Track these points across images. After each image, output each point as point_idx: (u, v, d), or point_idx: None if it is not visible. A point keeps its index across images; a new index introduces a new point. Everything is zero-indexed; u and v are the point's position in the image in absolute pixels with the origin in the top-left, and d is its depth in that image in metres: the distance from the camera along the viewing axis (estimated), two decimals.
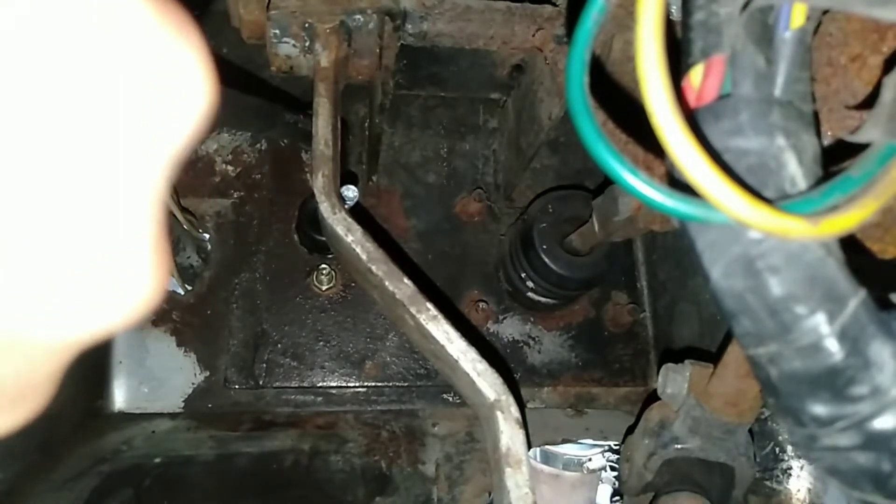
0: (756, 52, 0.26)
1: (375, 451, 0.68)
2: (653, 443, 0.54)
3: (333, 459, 0.67)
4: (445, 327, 0.44)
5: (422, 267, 0.70)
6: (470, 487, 0.68)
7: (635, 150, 0.42)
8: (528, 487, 0.40)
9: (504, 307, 0.70)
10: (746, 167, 0.25)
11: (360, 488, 0.66)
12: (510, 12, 0.53)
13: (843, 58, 0.32)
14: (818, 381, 0.24)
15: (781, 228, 0.22)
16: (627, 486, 0.58)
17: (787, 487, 0.54)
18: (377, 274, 0.45)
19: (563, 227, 0.62)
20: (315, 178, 0.47)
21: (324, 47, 0.50)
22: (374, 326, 0.68)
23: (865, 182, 0.24)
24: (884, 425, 0.24)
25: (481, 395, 0.43)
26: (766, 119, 0.25)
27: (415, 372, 0.67)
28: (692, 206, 0.24)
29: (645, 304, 0.73)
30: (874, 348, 0.24)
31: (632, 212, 0.47)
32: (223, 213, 0.69)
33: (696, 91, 0.26)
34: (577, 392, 0.69)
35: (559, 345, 0.70)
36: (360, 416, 0.68)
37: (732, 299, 0.25)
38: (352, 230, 0.46)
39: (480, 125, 0.74)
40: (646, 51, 0.23)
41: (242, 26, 0.51)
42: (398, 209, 0.71)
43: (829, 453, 0.25)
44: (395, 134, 0.73)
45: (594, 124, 0.24)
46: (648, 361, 0.72)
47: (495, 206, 0.72)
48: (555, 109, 0.54)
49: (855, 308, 0.24)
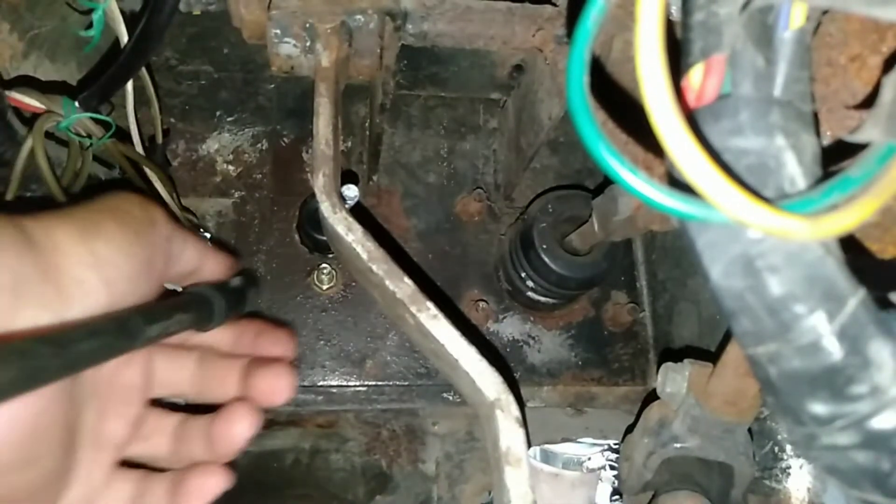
0: (756, 52, 0.26)
1: (376, 449, 0.68)
2: (652, 442, 0.54)
3: (334, 458, 0.67)
4: (446, 326, 0.44)
5: (422, 266, 0.70)
6: (470, 486, 0.68)
7: (635, 150, 0.42)
8: (527, 486, 0.40)
9: (504, 306, 0.70)
10: (746, 167, 0.25)
11: (360, 487, 0.66)
12: (510, 13, 0.53)
13: (842, 58, 0.32)
14: (817, 380, 0.24)
15: (781, 228, 0.23)
16: (627, 485, 0.58)
17: (786, 486, 0.54)
18: (377, 273, 0.45)
19: (563, 227, 0.63)
20: (315, 178, 0.47)
21: (324, 47, 0.50)
22: (374, 326, 0.68)
23: (865, 182, 0.24)
24: (883, 424, 0.24)
25: (481, 394, 0.43)
26: (766, 119, 0.25)
27: (415, 371, 0.67)
28: (692, 205, 0.24)
29: (644, 303, 0.73)
30: (873, 347, 0.24)
31: (632, 211, 0.47)
32: (224, 213, 0.69)
33: (695, 91, 0.26)
34: (577, 391, 0.70)
35: (559, 344, 0.70)
36: (360, 415, 0.69)
37: (732, 299, 0.25)
38: (352, 229, 0.46)
39: (480, 125, 0.74)
40: (646, 51, 0.23)
41: (243, 26, 0.51)
42: (398, 209, 0.71)
43: (829, 452, 0.26)
44: (395, 134, 0.73)
45: (594, 124, 0.24)
46: (648, 361, 0.72)
47: (495, 205, 0.72)
48: (555, 109, 0.54)
49: (854, 307, 0.24)
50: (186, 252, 0.44)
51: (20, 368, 0.26)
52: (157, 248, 0.40)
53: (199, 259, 0.45)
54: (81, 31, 0.54)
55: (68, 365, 0.28)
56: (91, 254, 0.35)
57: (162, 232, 0.41)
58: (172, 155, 0.69)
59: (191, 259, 0.44)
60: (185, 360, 0.47)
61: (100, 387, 0.42)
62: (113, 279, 0.35)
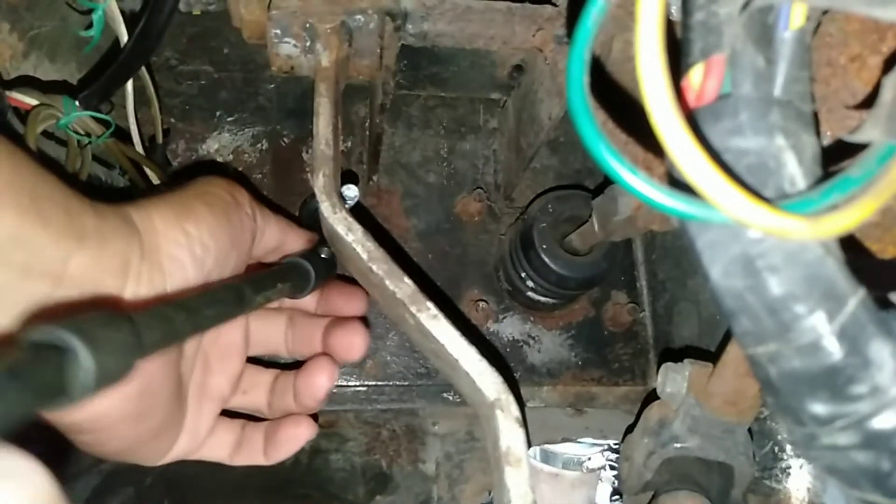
0: (756, 52, 0.26)
1: (376, 449, 0.68)
2: (652, 442, 0.54)
3: (334, 458, 0.67)
4: (446, 326, 0.44)
5: (422, 266, 0.70)
6: (470, 486, 0.68)
7: (635, 150, 0.42)
8: (527, 486, 0.40)
9: (504, 306, 0.70)
10: (746, 167, 0.25)
11: (360, 487, 0.66)
12: (510, 13, 0.53)
13: (842, 58, 0.32)
14: (817, 380, 0.25)
15: (781, 228, 0.23)
16: (627, 485, 0.58)
17: (786, 486, 0.54)
18: (378, 273, 0.45)
19: (563, 227, 0.63)
20: (315, 178, 0.47)
21: (325, 47, 0.50)
22: (374, 326, 0.68)
23: (865, 182, 0.24)
24: (883, 424, 0.24)
25: (481, 394, 0.43)
26: (766, 119, 0.25)
27: (415, 371, 0.67)
28: (692, 205, 0.24)
29: (644, 303, 0.73)
30: (873, 347, 0.24)
31: (632, 211, 0.47)
32: None
33: (695, 91, 0.26)
34: (577, 391, 0.69)
35: (559, 344, 0.70)
36: (360, 415, 0.68)
37: (732, 298, 0.25)
38: (352, 229, 0.46)
39: (480, 125, 0.74)
40: (646, 51, 0.23)
41: (243, 26, 0.51)
42: (398, 209, 0.71)
43: (829, 452, 0.26)
44: (395, 134, 0.73)
45: (594, 124, 0.24)
46: (648, 361, 0.72)
47: (495, 205, 0.72)
48: (555, 109, 0.54)
49: (854, 307, 0.24)
50: (269, 229, 0.49)
51: (163, 330, 0.31)
52: (242, 226, 0.45)
53: (281, 235, 0.51)
54: (81, 30, 0.54)
55: (197, 327, 0.34)
56: (184, 234, 0.39)
57: (247, 212, 0.46)
58: (172, 155, 0.69)
59: (274, 235, 0.50)
60: (278, 322, 0.53)
61: (205, 346, 0.48)
62: (202, 256, 0.40)
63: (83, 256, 0.33)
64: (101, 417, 0.37)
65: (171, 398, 0.42)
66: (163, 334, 0.31)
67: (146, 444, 0.43)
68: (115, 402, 0.37)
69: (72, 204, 0.34)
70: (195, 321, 0.33)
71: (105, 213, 0.36)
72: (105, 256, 0.34)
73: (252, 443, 0.50)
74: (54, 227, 0.32)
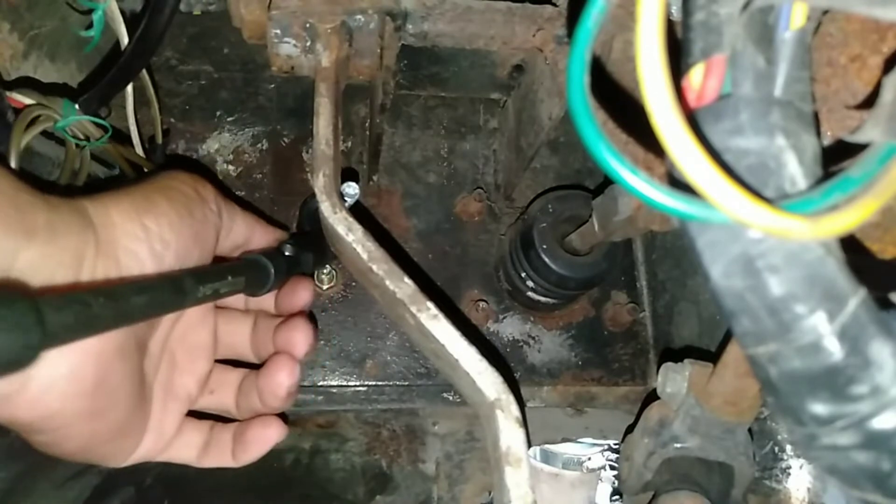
0: (756, 52, 0.26)
1: (376, 449, 0.68)
2: (652, 442, 0.54)
3: (334, 458, 0.67)
4: (446, 326, 0.44)
5: (422, 266, 0.70)
6: (470, 486, 0.68)
7: (635, 150, 0.42)
8: (528, 486, 0.40)
9: (504, 306, 0.70)
10: (746, 167, 0.25)
11: (360, 487, 0.66)
12: (510, 13, 0.53)
13: (842, 58, 0.32)
14: (818, 380, 0.24)
15: (781, 228, 0.23)
16: (627, 485, 0.58)
17: (786, 486, 0.54)
18: (378, 273, 0.45)
19: (563, 227, 0.63)
20: (316, 178, 0.47)
21: (325, 47, 0.50)
22: (374, 326, 0.68)
23: (865, 182, 0.24)
24: (883, 424, 0.24)
25: (481, 394, 0.43)
26: (766, 119, 0.25)
27: (415, 371, 0.67)
28: (692, 205, 0.24)
29: (644, 303, 0.73)
30: (874, 347, 0.24)
31: (632, 211, 0.47)
32: None
33: (696, 91, 0.26)
34: (577, 391, 0.69)
35: (559, 344, 0.70)
36: (360, 415, 0.68)
37: (732, 299, 0.25)
38: (352, 229, 0.46)
39: (481, 125, 0.74)
40: (646, 51, 0.23)
41: (243, 26, 0.51)
42: (398, 209, 0.71)
43: (829, 452, 0.26)
44: (395, 134, 0.73)
45: (594, 124, 0.24)
46: (648, 361, 0.72)
47: (495, 205, 0.72)
48: (555, 109, 0.54)
49: (855, 307, 0.24)
50: (236, 226, 0.48)
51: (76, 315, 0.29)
52: (206, 222, 0.44)
53: (248, 231, 0.50)
54: (81, 31, 0.54)
55: (121, 315, 0.32)
56: (142, 228, 0.39)
57: (211, 207, 0.45)
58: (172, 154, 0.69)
59: (241, 232, 0.49)
60: (245, 324, 0.52)
61: (172, 345, 0.47)
62: (162, 251, 0.39)
63: (32, 251, 0.33)
64: (53, 416, 0.36)
65: (132, 396, 0.41)
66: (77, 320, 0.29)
67: (107, 443, 0.41)
68: (67, 399, 0.36)
69: (21, 198, 0.33)
70: (120, 308, 0.31)
71: (59, 207, 0.35)
72: (56, 251, 0.34)
73: (220, 444, 0.49)
74: (1, 222, 0.31)
